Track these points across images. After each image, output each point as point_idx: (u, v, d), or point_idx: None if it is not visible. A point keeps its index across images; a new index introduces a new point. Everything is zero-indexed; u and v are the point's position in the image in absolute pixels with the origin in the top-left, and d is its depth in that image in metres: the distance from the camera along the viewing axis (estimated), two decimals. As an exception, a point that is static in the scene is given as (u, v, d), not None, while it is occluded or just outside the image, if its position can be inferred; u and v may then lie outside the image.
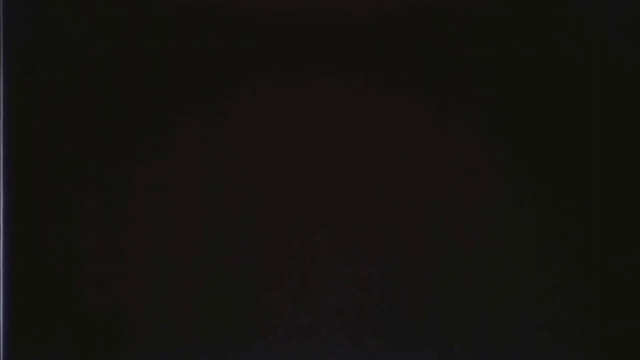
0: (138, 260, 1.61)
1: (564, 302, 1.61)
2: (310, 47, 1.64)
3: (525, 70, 1.63)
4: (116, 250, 1.61)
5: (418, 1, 1.63)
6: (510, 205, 1.61)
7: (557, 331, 1.61)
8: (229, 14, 1.64)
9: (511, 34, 1.63)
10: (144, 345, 1.61)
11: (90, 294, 1.61)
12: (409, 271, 1.61)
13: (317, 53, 1.64)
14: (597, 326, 1.61)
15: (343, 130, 1.63)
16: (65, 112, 1.62)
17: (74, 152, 1.62)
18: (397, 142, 1.63)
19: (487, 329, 1.61)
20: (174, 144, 1.62)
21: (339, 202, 1.62)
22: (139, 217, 1.62)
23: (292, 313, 1.62)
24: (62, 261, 1.61)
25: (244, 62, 1.64)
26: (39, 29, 1.63)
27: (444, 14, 1.63)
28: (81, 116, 1.62)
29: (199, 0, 1.64)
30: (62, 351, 1.61)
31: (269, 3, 1.64)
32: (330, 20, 1.64)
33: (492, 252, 1.61)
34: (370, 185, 1.62)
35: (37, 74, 1.63)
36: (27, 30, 1.63)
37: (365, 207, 1.62)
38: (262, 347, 1.62)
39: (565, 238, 1.61)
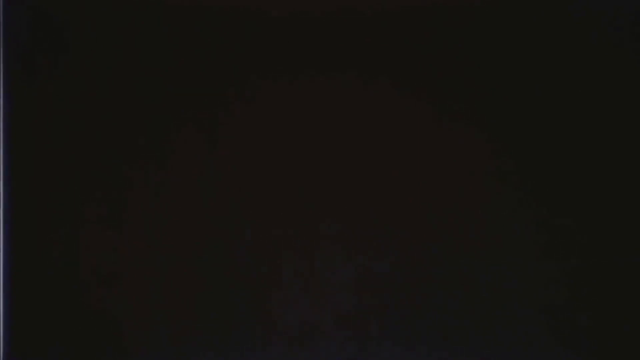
0: (138, 260, 1.61)
1: (564, 302, 1.61)
2: (312, 48, 1.64)
3: (525, 71, 1.63)
4: (116, 251, 1.61)
5: (418, 1, 1.63)
6: (511, 205, 1.61)
7: (557, 330, 1.61)
8: (230, 15, 1.64)
9: (511, 34, 1.63)
10: (144, 345, 1.61)
11: (90, 293, 1.61)
12: (412, 271, 1.61)
13: (318, 54, 1.64)
14: (596, 326, 1.61)
15: (344, 130, 1.63)
16: (65, 112, 1.62)
17: (74, 152, 1.62)
18: (398, 142, 1.63)
19: (489, 328, 1.61)
20: (175, 144, 1.62)
21: (340, 202, 1.62)
22: (139, 217, 1.62)
23: (294, 313, 1.62)
24: (62, 261, 1.61)
25: (245, 62, 1.64)
26: (39, 29, 1.63)
27: (445, 14, 1.63)
28: (81, 116, 1.63)
29: (199, 1, 1.64)
30: (62, 351, 1.62)
31: (269, 4, 1.64)
32: (331, 21, 1.64)
33: (493, 250, 1.61)
34: (371, 185, 1.62)
35: (37, 73, 1.63)
36: (27, 30, 1.63)
37: (367, 207, 1.62)
38: (264, 347, 1.62)
39: (565, 238, 1.61)
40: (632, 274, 1.60)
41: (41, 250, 1.61)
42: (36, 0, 1.64)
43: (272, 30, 1.64)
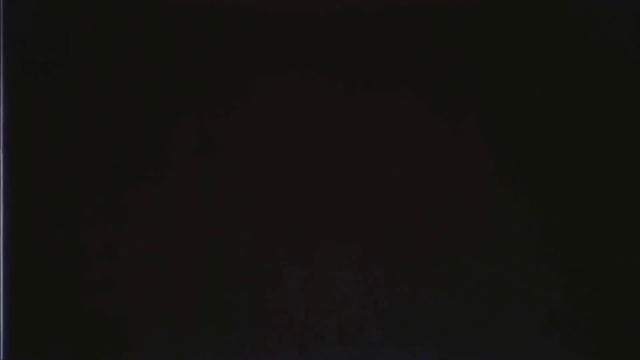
0: (138, 261, 1.61)
1: (564, 302, 1.61)
2: (312, 48, 1.64)
3: (525, 71, 1.63)
4: (116, 251, 1.61)
5: (418, 1, 1.63)
6: (511, 205, 1.61)
7: (557, 330, 1.61)
8: (230, 15, 1.64)
9: (511, 34, 1.63)
10: (144, 345, 1.61)
11: (90, 294, 1.61)
12: (412, 271, 1.61)
13: (318, 53, 1.64)
14: (596, 326, 1.61)
15: (344, 130, 1.63)
16: (66, 112, 1.62)
17: (74, 152, 1.62)
18: (398, 142, 1.63)
19: (489, 328, 1.61)
20: (175, 144, 1.62)
21: (340, 202, 1.62)
22: (139, 217, 1.62)
23: (294, 313, 1.62)
24: (62, 261, 1.61)
25: (245, 62, 1.64)
26: (39, 29, 1.63)
27: (445, 14, 1.63)
28: (81, 116, 1.63)
29: (199, 1, 1.64)
30: (62, 351, 1.61)
31: (269, 4, 1.64)
32: (331, 21, 1.64)
33: (493, 250, 1.61)
34: (371, 185, 1.62)
35: (37, 73, 1.63)
36: (27, 30, 1.63)
37: (367, 207, 1.62)
38: (264, 347, 1.62)
39: (565, 238, 1.61)
40: (632, 274, 1.60)
41: (41, 250, 1.61)
42: (36, 0, 1.64)
43: (272, 30, 1.64)
